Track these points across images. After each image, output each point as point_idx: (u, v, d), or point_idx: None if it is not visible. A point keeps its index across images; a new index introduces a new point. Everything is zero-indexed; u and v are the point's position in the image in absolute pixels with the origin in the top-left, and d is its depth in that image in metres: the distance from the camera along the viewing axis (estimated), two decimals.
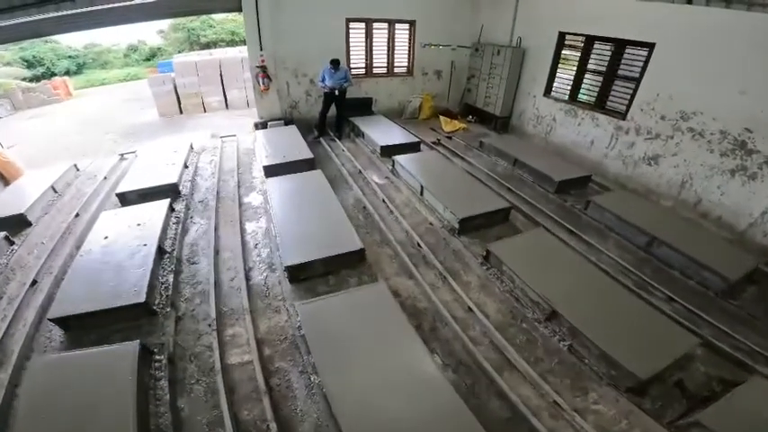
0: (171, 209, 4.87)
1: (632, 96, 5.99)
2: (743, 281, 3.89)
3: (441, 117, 8.83)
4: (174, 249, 4.27)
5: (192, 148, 6.92)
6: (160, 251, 4.07)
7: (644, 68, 5.72)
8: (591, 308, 3.32)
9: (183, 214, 4.93)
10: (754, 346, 3.24)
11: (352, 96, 7.97)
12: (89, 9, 6.00)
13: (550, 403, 2.79)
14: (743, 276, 3.86)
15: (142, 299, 3.26)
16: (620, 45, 6.03)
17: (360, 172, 6.22)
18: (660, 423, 2.68)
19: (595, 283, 3.69)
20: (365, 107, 8.60)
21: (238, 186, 5.69)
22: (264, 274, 4.01)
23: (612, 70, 6.25)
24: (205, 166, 6.50)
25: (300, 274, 3.80)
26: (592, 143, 6.81)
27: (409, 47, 8.78)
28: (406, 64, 9.00)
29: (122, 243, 4.03)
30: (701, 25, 4.92)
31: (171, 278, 3.83)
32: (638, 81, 5.85)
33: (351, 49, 8.20)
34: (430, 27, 8.55)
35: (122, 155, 7.06)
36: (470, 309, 3.60)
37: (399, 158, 5.91)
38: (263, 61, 7.30)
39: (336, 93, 7.15)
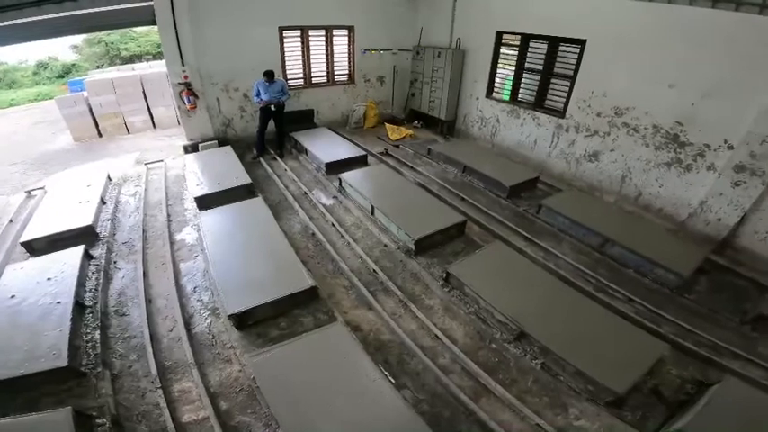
0: (88, 256, 4.22)
1: (569, 94, 6.09)
2: (695, 273, 4.00)
3: (386, 125, 8.62)
4: (96, 302, 3.73)
5: (109, 179, 6.12)
6: (79, 306, 3.56)
7: (577, 66, 5.82)
8: (559, 323, 3.30)
9: (103, 260, 4.29)
10: (719, 341, 3.35)
11: (292, 109, 7.53)
12: None
13: (533, 426, 2.72)
14: (695, 270, 3.97)
15: (64, 362, 2.90)
16: (553, 42, 6.09)
17: (305, 194, 5.83)
18: None
19: (559, 294, 3.66)
20: (306, 119, 8.16)
21: (168, 222, 5.06)
22: (208, 321, 3.60)
23: (549, 69, 6.33)
24: (128, 199, 5.75)
25: (248, 320, 3.43)
26: (535, 143, 6.89)
27: (349, 53, 8.45)
28: (346, 71, 8.66)
29: (32, 302, 3.51)
30: (629, 19, 5.04)
31: (97, 334, 3.39)
32: (573, 79, 5.96)
33: (286, 58, 7.73)
34: (369, 32, 8.27)
35: (29, 191, 6.14)
36: (437, 336, 3.43)
37: (346, 176, 5.56)
38: (186, 78, 6.64)
39: (273, 108, 6.64)
